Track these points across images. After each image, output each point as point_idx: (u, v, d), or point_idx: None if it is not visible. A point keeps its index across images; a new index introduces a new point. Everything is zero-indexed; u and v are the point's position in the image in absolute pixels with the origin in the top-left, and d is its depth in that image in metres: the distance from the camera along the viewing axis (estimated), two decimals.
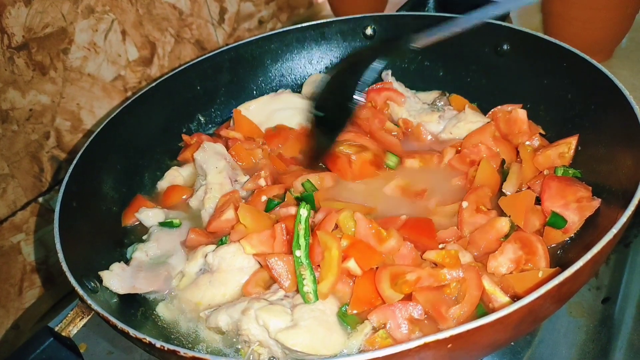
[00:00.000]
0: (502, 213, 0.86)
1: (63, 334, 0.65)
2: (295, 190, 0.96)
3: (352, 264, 0.75)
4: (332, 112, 1.02)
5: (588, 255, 0.54)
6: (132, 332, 0.56)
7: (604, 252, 0.57)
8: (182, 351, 0.52)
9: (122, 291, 0.76)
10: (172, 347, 0.53)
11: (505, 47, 1.08)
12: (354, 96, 0.95)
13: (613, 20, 1.35)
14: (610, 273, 0.94)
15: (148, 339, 0.55)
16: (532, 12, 1.66)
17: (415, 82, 1.23)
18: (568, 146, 0.89)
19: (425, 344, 0.49)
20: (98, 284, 0.75)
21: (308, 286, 0.73)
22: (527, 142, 0.96)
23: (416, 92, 1.19)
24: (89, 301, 0.62)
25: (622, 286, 0.90)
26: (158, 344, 0.54)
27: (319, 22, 1.28)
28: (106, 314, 0.60)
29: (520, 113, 0.97)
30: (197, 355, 0.51)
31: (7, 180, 1.16)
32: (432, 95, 1.19)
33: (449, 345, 0.50)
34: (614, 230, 0.57)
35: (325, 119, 1.03)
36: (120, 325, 0.58)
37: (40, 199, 1.24)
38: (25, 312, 1.28)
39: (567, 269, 0.54)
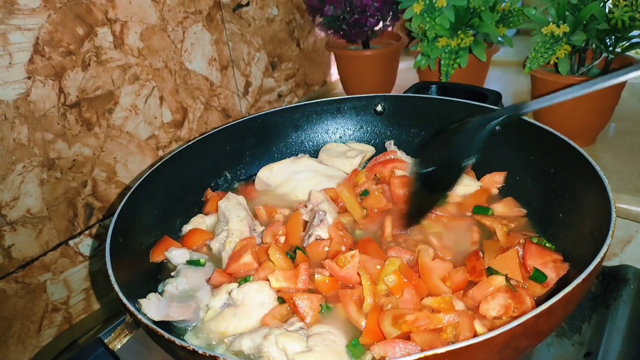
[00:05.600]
0: None
1: (110, 346, 0.74)
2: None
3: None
4: (440, 169, 1.04)
5: (561, 294, 0.65)
6: (178, 341, 0.65)
7: (575, 293, 0.67)
8: (221, 357, 0.61)
9: (157, 318, 0.84)
10: (213, 354, 0.62)
11: (497, 127, 1.23)
12: (468, 158, 1.02)
13: (594, 110, 1.51)
14: (592, 331, 1.03)
15: (192, 346, 0.63)
16: (522, 99, 1.85)
17: (418, 153, 1.36)
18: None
19: (426, 357, 0.59)
20: (140, 308, 0.85)
21: None
22: None
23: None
24: (139, 315, 0.71)
25: (603, 343, 0.98)
26: (200, 350, 0.63)
27: (336, 98, 1.44)
28: (154, 326, 0.69)
29: (497, 175, 1.21)
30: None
31: (44, 222, 1.26)
32: None
33: None
34: (583, 276, 0.68)
35: (431, 177, 1.04)
36: (167, 336, 0.67)
37: (71, 242, 1.34)
38: (42, 350, 1.33)
39: (543, 304, 0.64)
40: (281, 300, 0.94)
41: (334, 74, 2.22)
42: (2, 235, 1.19)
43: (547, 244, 0.99)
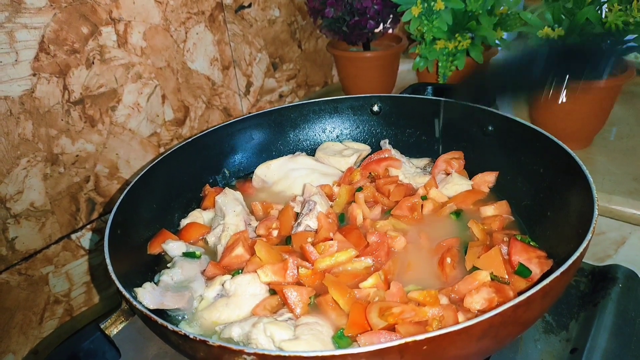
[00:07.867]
0: None
1: (106, 332, 0.77)
2: None
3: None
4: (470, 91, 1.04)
5: (539, 286, 0.67)
6: (170, 326, 0.67)
7: (553, 286, 0.69)
8: (211, 341, 0.64)
9: (152, 306, 0.86)
10: (203, 338, 0.64)
11: (490, 128, 1.26)
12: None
13: (590, 113, 1.52)
14: (579, 328, 1.05)
15: (183, 331, 0.66)
16: (518, 101, 1.86)
17: (412, 152, 1.40)
18: None
19: (406, 343, 0.61)
20: (135, 296, 0.87)
21: None
22: None
23: (409, 158, 1.36)
24: (134, 302, 0.74)
25: (589, 339, 1.00)
26: (191, 335, 0.65)
27: (333, 98, 1.47)
28: (148, 312, 0.72)
29: (489, 175, 1.22)
30: (223, 344, 0.62)
31: (47, 216, 1.29)
32: (423, 161, 1.37)
33: (425, 347, 0.62)
34: (562, 269, 0.70)
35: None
36: (160, 321, 0.69)
37: (73, 236, 1.36)
38: (43, 341, 1.36)
39: (522, 295, 0.67)
40: (272, 292, 0.96)
41: (335, 76, 2.24)
42: (6, 228, 1.22)
43: (531, 242, 1.01)
